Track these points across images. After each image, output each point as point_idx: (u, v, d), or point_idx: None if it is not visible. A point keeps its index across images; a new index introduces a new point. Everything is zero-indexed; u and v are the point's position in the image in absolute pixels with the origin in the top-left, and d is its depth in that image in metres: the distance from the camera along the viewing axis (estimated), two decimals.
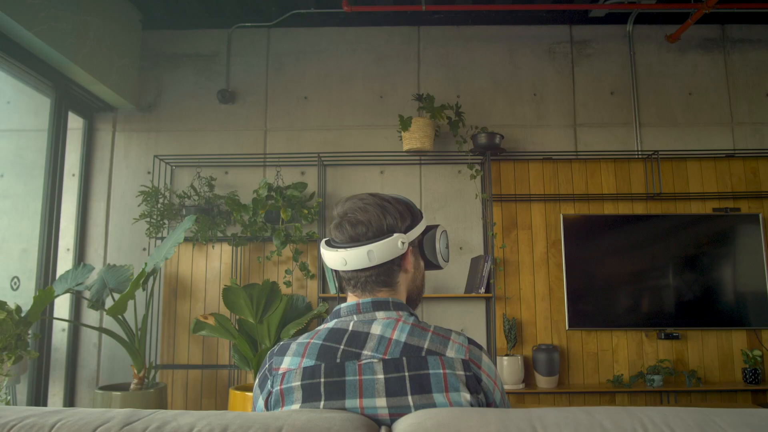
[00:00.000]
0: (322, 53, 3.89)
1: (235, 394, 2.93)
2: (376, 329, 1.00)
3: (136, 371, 3.05)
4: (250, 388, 3.03)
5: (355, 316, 1.04)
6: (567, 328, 3.48)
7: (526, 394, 3.35)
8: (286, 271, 3.51)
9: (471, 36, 3.89)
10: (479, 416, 0.86)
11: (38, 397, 3.13)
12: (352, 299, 1.09)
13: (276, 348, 1.05)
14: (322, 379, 0.96)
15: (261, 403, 1.02)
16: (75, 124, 3.65)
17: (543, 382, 3.36)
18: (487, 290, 3.38)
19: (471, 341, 1.03)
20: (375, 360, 0.96)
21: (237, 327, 3.10)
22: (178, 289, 3.62)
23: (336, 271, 1.10)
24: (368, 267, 1.05)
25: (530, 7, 3.65)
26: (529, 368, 3.45)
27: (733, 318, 3.47)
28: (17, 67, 2.98)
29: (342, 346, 0.99)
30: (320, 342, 1.00)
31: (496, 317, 3.46)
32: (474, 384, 0.97)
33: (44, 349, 3.21)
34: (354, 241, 1.06)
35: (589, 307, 3.50)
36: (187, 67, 3.88)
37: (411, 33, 3.90)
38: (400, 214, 1.09)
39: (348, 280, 1.09)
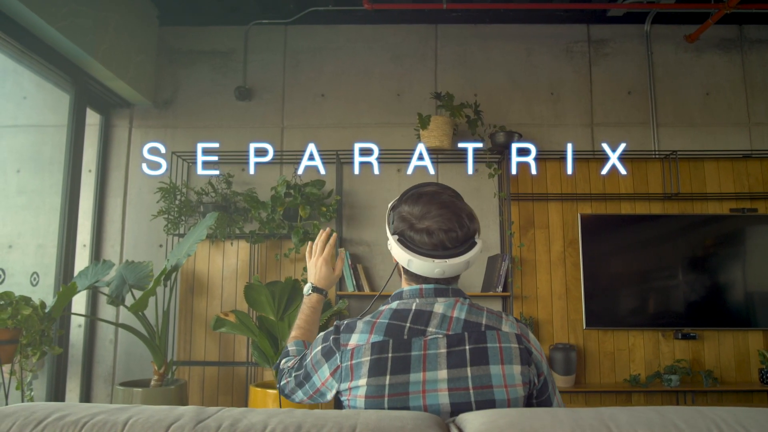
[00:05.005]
0: (339, 51, 3.88)
1: (255, 391, 2.93)
2: (438, 308, 1.10)
3: (156, 367, 3.05)
4: (270, 386, 3.03)
5: (417, 299, 1.12)
6: (584, 327, 3.48)
7: None
8: (303, 269, 3.51)
9: (488, 35, 3.88)
10: (551, 416, 0.87)
11: (57, 393, 3.12)
12: (412, 284, 1.15)
13: (342, 324, 1.13)
14: (390, 354, 1.04)
15: (327, 371, 1.10)
16: (92, 120, 3.65)
17: (560, 381, 3.36)
18: (505, 289, 3.38)
19: (517, 320, 1.15)
20: (439, 336, 1.07)
21: (257, 324, 3.10)
22: (194, 285, 3.62)
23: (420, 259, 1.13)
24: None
25: (548, 6, 3.65)
26: None
27: (749, 319, 3.47)
28: (38, 63, 2.98)
29: (408, 324, 1.08)
30: (386, 321, 1.09)
31: (513, 316, 3.45)
32: (526, 356, 1.08)
33: (64, 346, 3.21)
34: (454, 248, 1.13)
35: (606, 307, 3.50)
36: (203, 63, 3.88)
37: (428, 31, 3.89)
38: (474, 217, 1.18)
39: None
